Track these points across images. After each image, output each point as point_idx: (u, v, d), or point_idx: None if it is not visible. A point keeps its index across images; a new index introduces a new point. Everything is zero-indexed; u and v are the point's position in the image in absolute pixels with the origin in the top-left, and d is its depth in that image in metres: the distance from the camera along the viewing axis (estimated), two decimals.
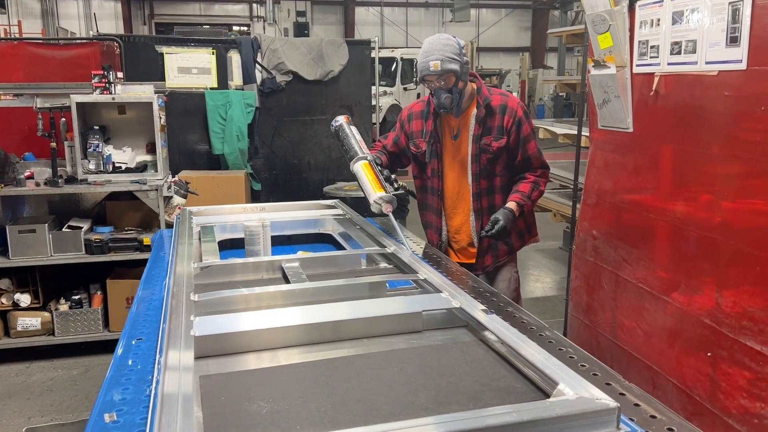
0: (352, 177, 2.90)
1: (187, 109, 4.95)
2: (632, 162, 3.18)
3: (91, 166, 4.28)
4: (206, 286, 2.13)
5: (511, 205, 2.87)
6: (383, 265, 2.36)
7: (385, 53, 18.68)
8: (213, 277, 2.19)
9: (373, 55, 5.59)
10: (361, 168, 2.67)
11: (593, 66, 3.32)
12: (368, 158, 2.69)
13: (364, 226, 2.78)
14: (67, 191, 4.09)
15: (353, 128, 2.84)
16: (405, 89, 17.78)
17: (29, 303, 4.20)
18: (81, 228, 4.20)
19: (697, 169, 2.76)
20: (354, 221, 2.91)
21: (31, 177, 4.26)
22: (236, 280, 2.19)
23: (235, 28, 24.51)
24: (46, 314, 4.20)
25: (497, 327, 1.59)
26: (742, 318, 2.49)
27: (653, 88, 2.92)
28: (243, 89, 5.00)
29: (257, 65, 5.02)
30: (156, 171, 4.34)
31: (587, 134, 3.68)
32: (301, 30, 23.29)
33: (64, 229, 4.19)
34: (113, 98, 4.18)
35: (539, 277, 5.89)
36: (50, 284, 4.37)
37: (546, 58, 25.98)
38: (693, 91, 2.71)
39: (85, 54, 4.79)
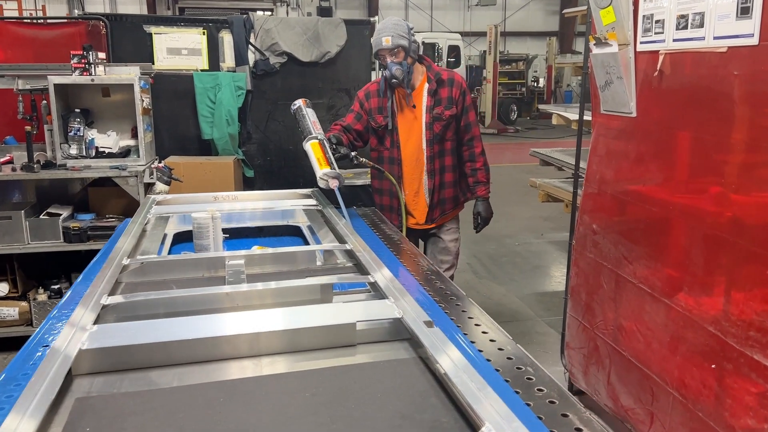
0: (350, 165, 3.36)
1: (177, 92, 4.73)
2: (635, 150, 2.89)
3: (73, 151, 4.10)
4: (135, 286, 1.93)
5: (482, 197, 3.41)
6: (341, 263, 2.13)
7: None
8: (146, 275, 1.98)
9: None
10: (311, 146, 2.88)
11: (594, 44, 3.02)
12: (318, 137, 2.91)
13: (333, 220, 2.55)
14: (43, 177, 3.92)
15: (310, 110, 3.07)
16: None
17: (7, 292, 4.06)
18: (60, 215, 4.04)
19: (705, 158, 2.47)
20: (324, 213, 2.68)
21: (10, 161, 4.11)
22: (171, 279, 1.97)
23: (259, 13, 24.18)
24: (24, 304, 4.06)
25: (435, 344, 1.35)
26: (750, 328, 2.20)
27: (657, 68, 2.62)
28: (235, 71, 4.78)
29: (250, 46, 4.79)
30: (139, 156, 4.16)
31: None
32: (325, 15, 22.95)
33: (41, 216, 4.03)
34: (92, 80, 3.99)
35: (548, 271, 5.61)
36: (31, 273, 4.23)
37: (575, 43, 25.28)
38: (700, 71, 2.41)
39: (70, 34, 4.60)
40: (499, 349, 1.61)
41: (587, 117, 3.50)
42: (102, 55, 4.13)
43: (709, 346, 2.39)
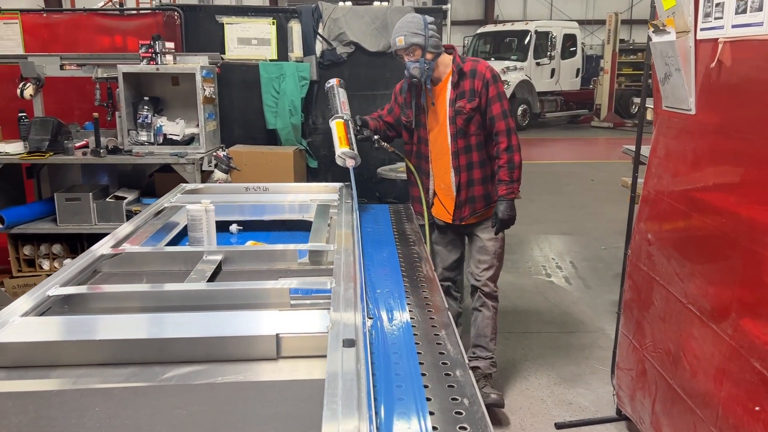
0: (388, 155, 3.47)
1: (246, 82, 4.79)
2: (692, 152, 2.53)
3: (142, 137, 4.26)
4: (109, 276, 1.93)
5: (502, 196, 3.11)
6: (325, 264, 2.02)
7: (519, 26, 17.71)
8: (125, 266, 1.97)
9: (446, 23, 5.14)
10: (335, 125, 2.94)
11: (653, 32, 2.68)
12: (344, 118, 2.96)
13: (339, 216, 2.44)
14: (109, 161, 4.10)
15: (342, 90, 3.09)
16: (538, 64, 16.68)
17: None
18: (124, 198, 4.21)
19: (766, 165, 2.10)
20: (335, 209, 2.58)
21: (86, 146, 4.34)
22: (148, 271, 1.95)
23: (376, 4, 24.28)
24: None
25: (337, 368, 1.21)
26: None
27: (716, 58, 2.26)
28: (303, 61, 4.76)
29: (317, 36, 4.75)
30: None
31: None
32: (439, 5, 22.67)
33: (107, 199, 4.22)
34: (157, 68, 4.12)
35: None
36: None
37: None
38: (760, 62, 2.05)
39: (148, 24, 4.79)
40: (446, 374, 1.44)
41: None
42: (170, 44, 4.25)
43: (754, 385, 2.05)
